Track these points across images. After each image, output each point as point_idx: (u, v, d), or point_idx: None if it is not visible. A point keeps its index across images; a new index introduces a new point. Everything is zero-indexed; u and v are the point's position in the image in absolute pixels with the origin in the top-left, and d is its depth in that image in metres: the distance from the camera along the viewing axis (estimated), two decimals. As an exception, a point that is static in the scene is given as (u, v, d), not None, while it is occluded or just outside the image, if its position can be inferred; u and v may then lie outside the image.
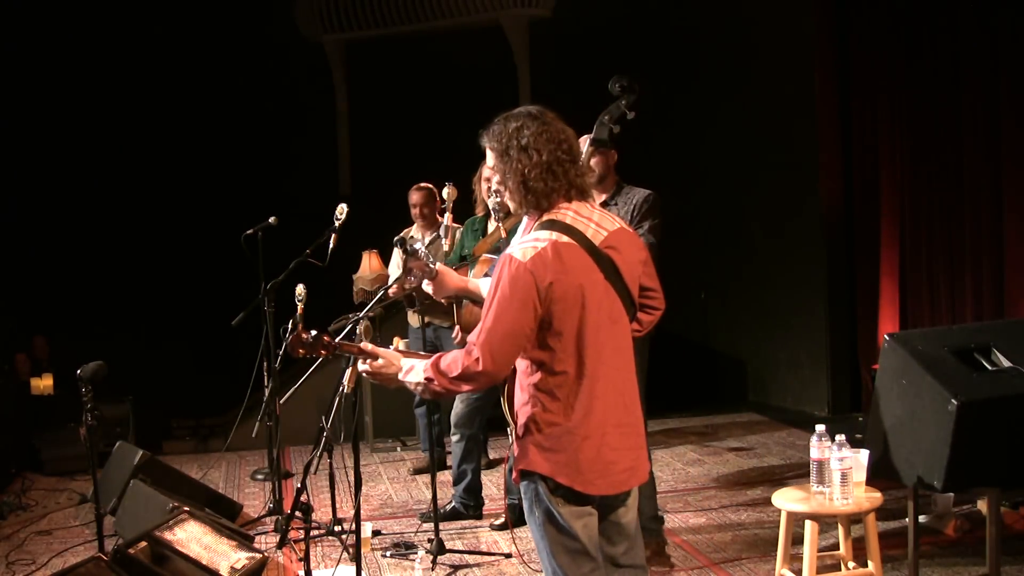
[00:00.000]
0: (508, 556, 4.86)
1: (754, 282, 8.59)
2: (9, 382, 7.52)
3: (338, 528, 5.22)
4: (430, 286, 3.17)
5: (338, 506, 5.26)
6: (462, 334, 4.87)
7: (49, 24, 9.17)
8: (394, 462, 7.13)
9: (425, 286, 3.18)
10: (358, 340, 3.35)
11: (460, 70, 9.80)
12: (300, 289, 5.36)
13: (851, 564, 4.07)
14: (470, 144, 2.94)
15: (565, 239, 2.69)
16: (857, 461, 3.79)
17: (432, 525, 4.93)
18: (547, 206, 2.76)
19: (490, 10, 10.34)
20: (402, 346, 4.37)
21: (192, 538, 4.39)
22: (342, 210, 5.17)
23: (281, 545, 5.08)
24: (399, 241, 3.37)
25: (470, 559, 4.86)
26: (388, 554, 4.98)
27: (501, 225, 4.70)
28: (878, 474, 3.94)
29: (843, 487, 3.73)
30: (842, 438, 3.75)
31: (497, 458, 6.76)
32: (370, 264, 6.89)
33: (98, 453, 4.70)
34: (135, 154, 9.50)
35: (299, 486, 3.74)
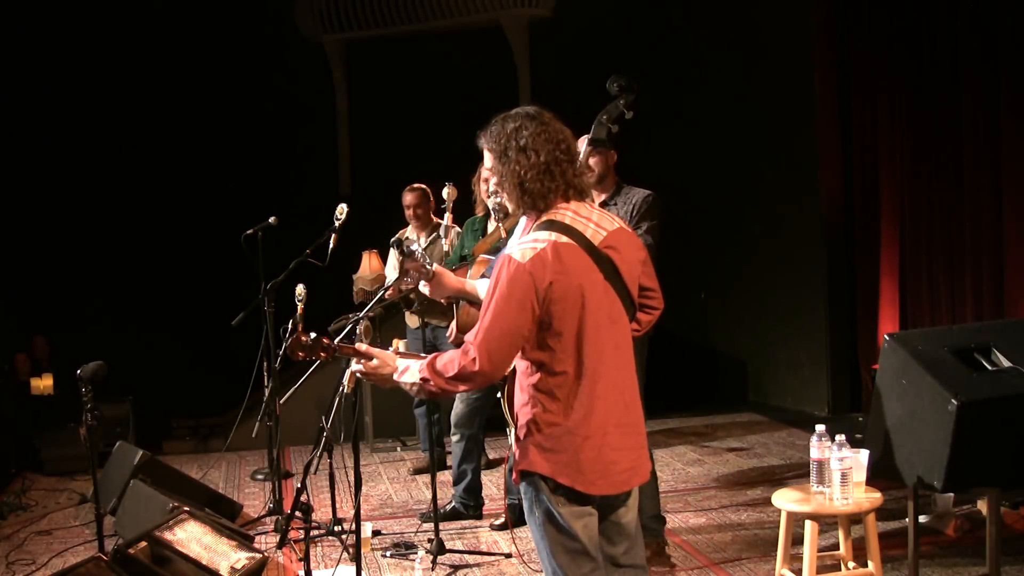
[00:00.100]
0: (508, 556, 4.86)
1: (754, 282, 8.58)
2: (9, 382, 7.53)
3: (338, 528, 5.22)
4: (427, 287, 3.17)
5: (338, 506, 5.26)
6: (456, 333, 4.87)
7: (49, 24, 9.17)
8: (394, 462, 7.13)
9: (422, 287, 3.18)
10: (358, 340, 3.35)
11: (460, 70, 9.81)
12: (300, 289, 5.36)
13: (851, 564, 4.07)
14: (470, 144, 2.94)
15: (564, 239, 2.69)
16: (857, 461, 3.79)
17: (432, 525, 4.93)
18: (545, 207, 2.76)
19: (490, 10, 10.34)
20: (402, 347, 4.38)
21: (192, 538, 4.39)
22: (342, 210, 5.17)
23: (281, 545, 5.08)
24: (395, 243, 3.36)
25: (470, 559, 4.86)
26: (388, 554, 4.98)
27: (501, 225, 4.70)
28: (878, 474, 3.94)
29: (843, 487, 3.73)
30: (842, 438, 3.75)
31: (496, 458, 6.76)
32: (370, 264, 6.89)
33: (98, 453, 4.70)
34: (135, 154, 9.51)
35: (299, 486, 3.75)
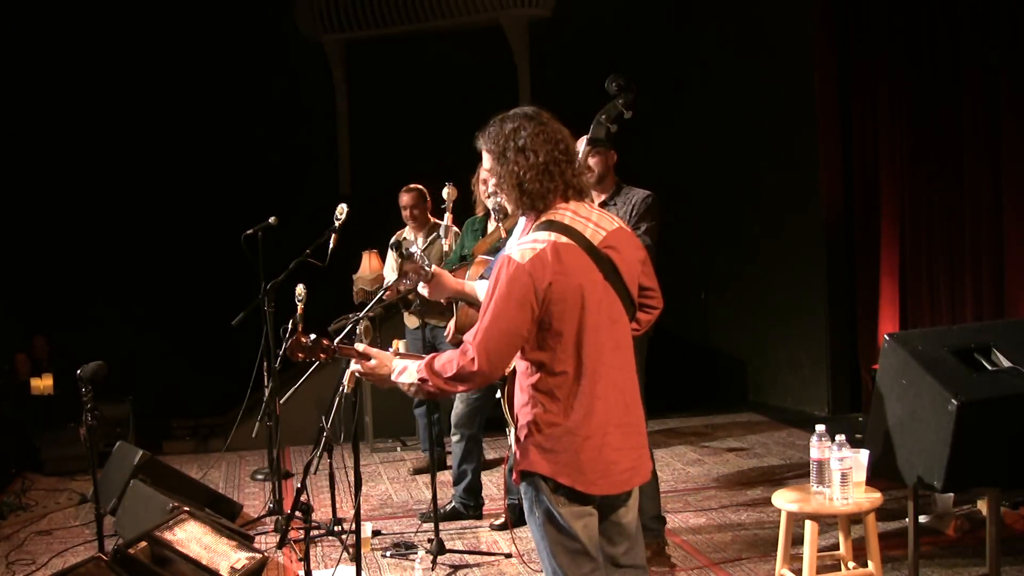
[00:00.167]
0: (508, 556, 4.86)
1: (754, 282, 8.58)
2: (9, 382, 7.52)
3: (338, 528, 5.22)
4: (426, 289, 3.18)
5: (338, 506, 5.26)
6: (455, 333, 4.88)
7: (49, 23, 9.17)
8: (394, 462, 7.13)
9: (421, 289, 3.19)
10: (358, 340, 3.36)
11: (460, 70, 9.80)
12: (300, 289, 5.36)
13: (851, 564, 4.07)
14: (470, 144, 2.94)
15: (564, 240, 2.69)
16: (857, 461, 3.79)
17: (432, 525, 4.93)
18: (544, 207, 2.76)
19: (490, 10, 10.34)
20: (401, 348, 4.37)
21: (192, 538, 4.39)
22: (342, 210, 5.17)
23: (281, 545, 5.08)
24: (395, 245, 3.38)
25: (470, 559, 4.86)
26: (388, 554, 4.98)
27: (501, 225, 4.70)
28: (878, 474, 3.94)
29: (843, 487, 3.73)
30: (842, 438, 3.75)
31: (496, 458, 6.76)
32: (370, 264, 6.90)
33: (98, 453, 4.70)
34: (135, 154, 9.51)
35: (299, 486, 3.74)
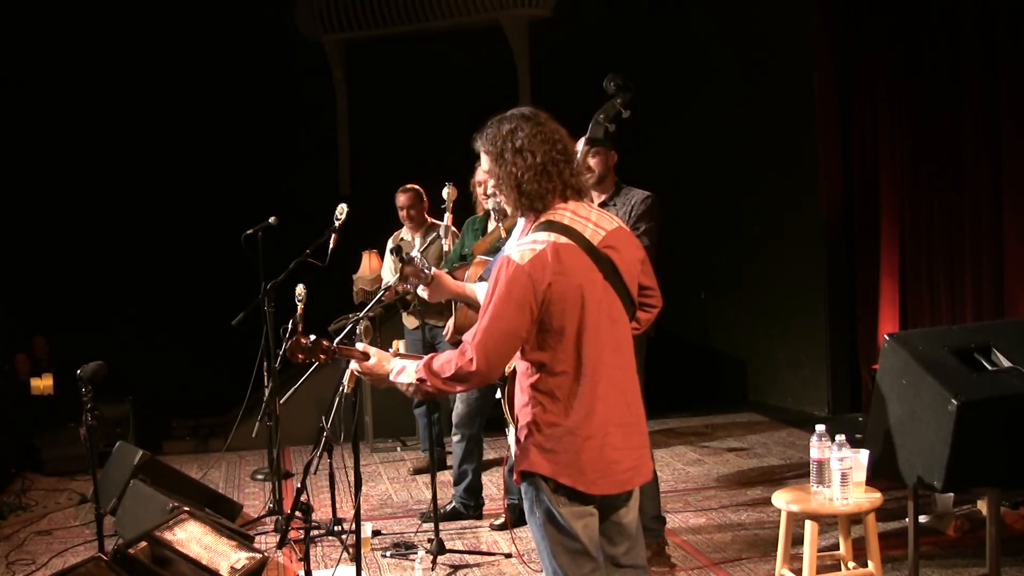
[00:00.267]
0: (508, 556, 4.86)
1: (754, 282, 8.58)
2: (9, 382, 7.53)
3: (338, 528, 5.22)
4: (426, 291, 3.19)
5: (338, 506, 5.26)
6: (453, 333, 4.89)
7: (50, 23, 9.17)
8: (394, 462, 7.13)
9: (420, 291, 3.20)
10: (358, 340, 3.36)
11: (460, 70, 9.80)
12: (300, 289, 5.36)
13: (851, 564, 4.07)
14: (470, 144, 2.94)
15: (564, 240, 2.69)
16: (857, 461, 3.79)
17: (432, 525, 4.93)
18: (542, 208, 2.76)
19: (490, 10, 10.34)
20: (401, 348, 4.36)
21: (192, 538, 4.39)
22: (342, 210, 5.17)
23: (281, 545, 5.08)
24: (395, 249, 3.40)
25: (470, 559, 4.86)
26: (388, 554, 4.98)
27: (501, 225, 4.70)
28: (878, 474, 3.94)
29: (843, 487, 3.73)
30: (842, 438, 3.75)
31: (496, 458, 6.76)
32: (370, 264, 6.90)
33: (98, 453, 4.70)
34: (135, 154, 9.51)
35: (299, 486, 3.74)
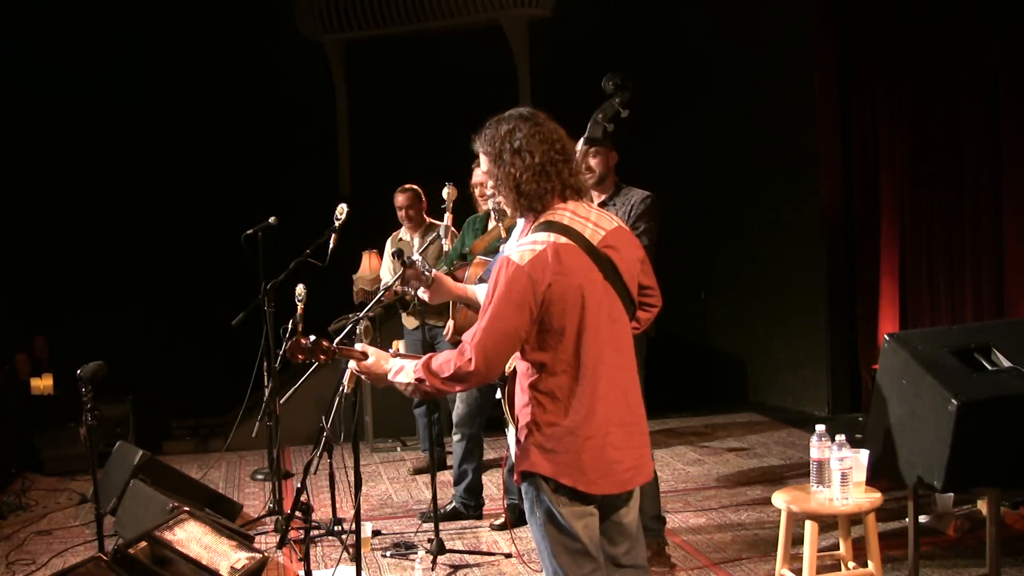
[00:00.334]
0: (508, 556, 4.86)
1: (754, 282, 8.58)
2: (9, 382, 7.53)
3: (338, 528, 5.22)
4: (426, 294, 3.20)
5: (338, 506, 5.26)
6: (453, 334, 4.90)
7: (49, 23, 9.17)
8: (394, 462, 7.13)
9: (421, 294, 3.21)
10: (358, 340, 3.36)
11: (460, 70, 9.80)
12: (300, 289, 5.36)
13: (851, 564, 4.07)
14: (469, 144, 2.94)
15: (563, 240, 2.69)
16: (857, 461, 3.79)
17: (432, 525, 4.93)
18: (542, 207, 2.76)
19: (490, 10, 10.34)
20: (401, 349, 4.36)
21: (192, 538, 4.39)
22: (342, 210, 5.17)
23: (281, 545, 5.08)
24: (397, 252, 3.41)
25: (470, 559, 4.86)
26: (388, 554, 4.99)
27: (501, 224, 4.71)
28: (878, 474, 3.94)
29: (843, 487, 3.73)
30: (842, 438, 3.75)
31: (496, 458, 6.76)
32: (370, 264, 6.90)
33: (98, 453, 4.70)
34: (135, 154, 9.50)
35: (299, 486, 3.74)
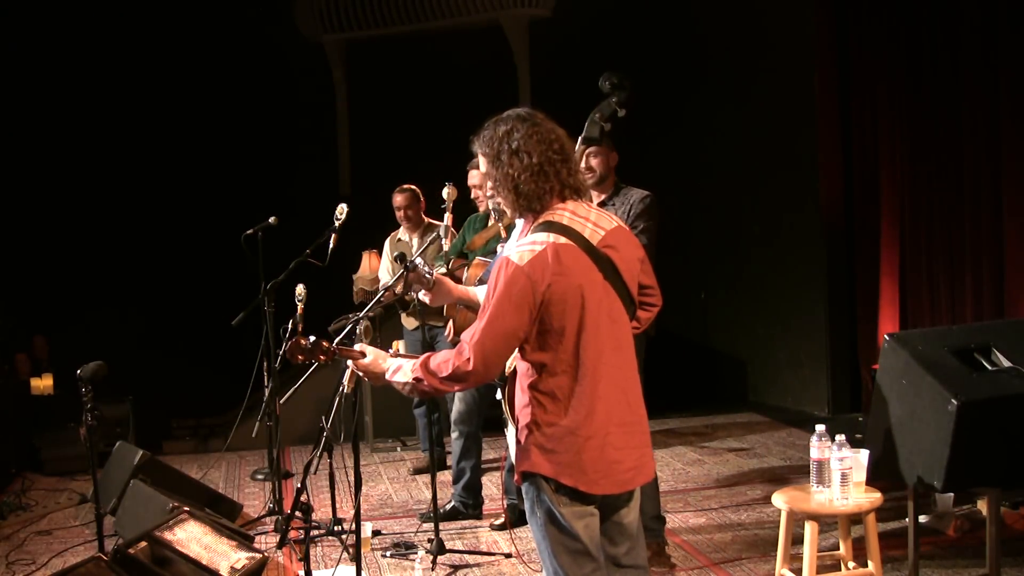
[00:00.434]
0: (508, 556, 4.86)
1: (754, 282, 8.58)
2: (9, 382, 7.53)
3: (338, 528, 5.22)
4: (428, 296, 3.20)
5: (338, 506, 5.26)
6: (454, 335, 4.90)
7: (49, 23, 9.17)
8: (394, 462, 7.13)
9: (423, 296, 3.21)
10: (358, 340, 3.36)
11: (460, 70, 9.80)
12: (300, 289, 5.36)
13: (851, 564, 4.07)
14: (469, 145, 2.94)
15: (563, 240, 2.69)
16: (857, 461, 3.79)
17: (432, 525, 4.93)
18: (540, 208, 2.76)
19: (490, 10, 10.34)
20: (401, 349, 4.35)
21: (192, 538, 4.39)
22: (342, 210, 5.17)
23: (281, 545, 5.08)
24: (399, 256, 3.42)
25: (470, 559, 4.86)
26: (388, 554, 4.99)
27: (500, 224, 4.71)
28: (878, 474, 3.94)
29: (843, 487, 3.73)
30: (842, 438, 3.75)
31: (495, 458, 6.76)
32: (370, 264, 6.90)
33: (98, 453, 4.70)
34: (135, 154, 9.51)
35: (299, 486, 3.73)
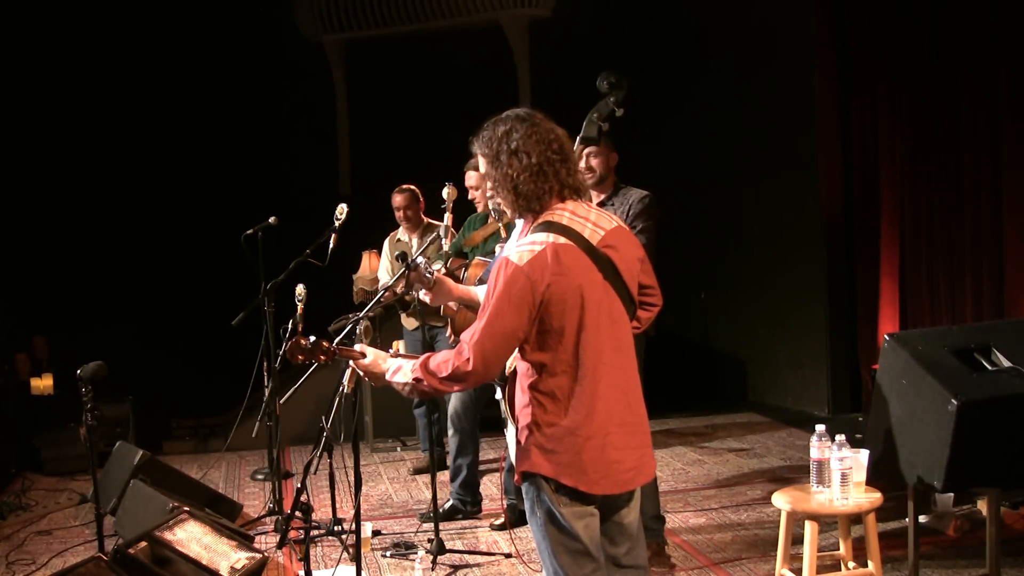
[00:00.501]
0: (508, 556, 4.86)
1: (754, 282, 8.58)
2: (9, 382, 7.52)
3: (338, 528, 5.22)
4: (428, 296, 3.20)
5: (338, 506, 5.26)
6: (452, 335, 4.91)
7: (49, 22, 9.17)
8: (394, 462, 7.13)
9: (423, 296, 3.22)
10: (358, 340, 3.36)
11: (460, 70, 9.80)
12: (300, 289, 5.36)
13: (851, 564, 4.07)
14: (469, 145, 2.94)
15: (563, 240, 2.69)
16: (857, 461, 3.79)
17: (432, 525, 4.94)
18: (539, 208, 2.76)
19: (490, 10, 10.34)
20: (401, 350, 4.35)
21: (192, 538, 4.39)
22: (342, 210, 5.17)
23: (281, 545, 5.08)
24: (400, 256, 3.42)
25: (470, 559, 4.86)
26: (388, 554, 4.99)
27: (500, 223, 4.72)
28: (878, 474, 3.94)
29: (843, 487, 3.73)
30: (842, 438, 3.75)
31: (495, 458, 6.76)
32: (370, 264, 6.90)
33: (98, 453, 4.70)
34: (135, 154, 9.50)
35: (299, 486, 3.74)
